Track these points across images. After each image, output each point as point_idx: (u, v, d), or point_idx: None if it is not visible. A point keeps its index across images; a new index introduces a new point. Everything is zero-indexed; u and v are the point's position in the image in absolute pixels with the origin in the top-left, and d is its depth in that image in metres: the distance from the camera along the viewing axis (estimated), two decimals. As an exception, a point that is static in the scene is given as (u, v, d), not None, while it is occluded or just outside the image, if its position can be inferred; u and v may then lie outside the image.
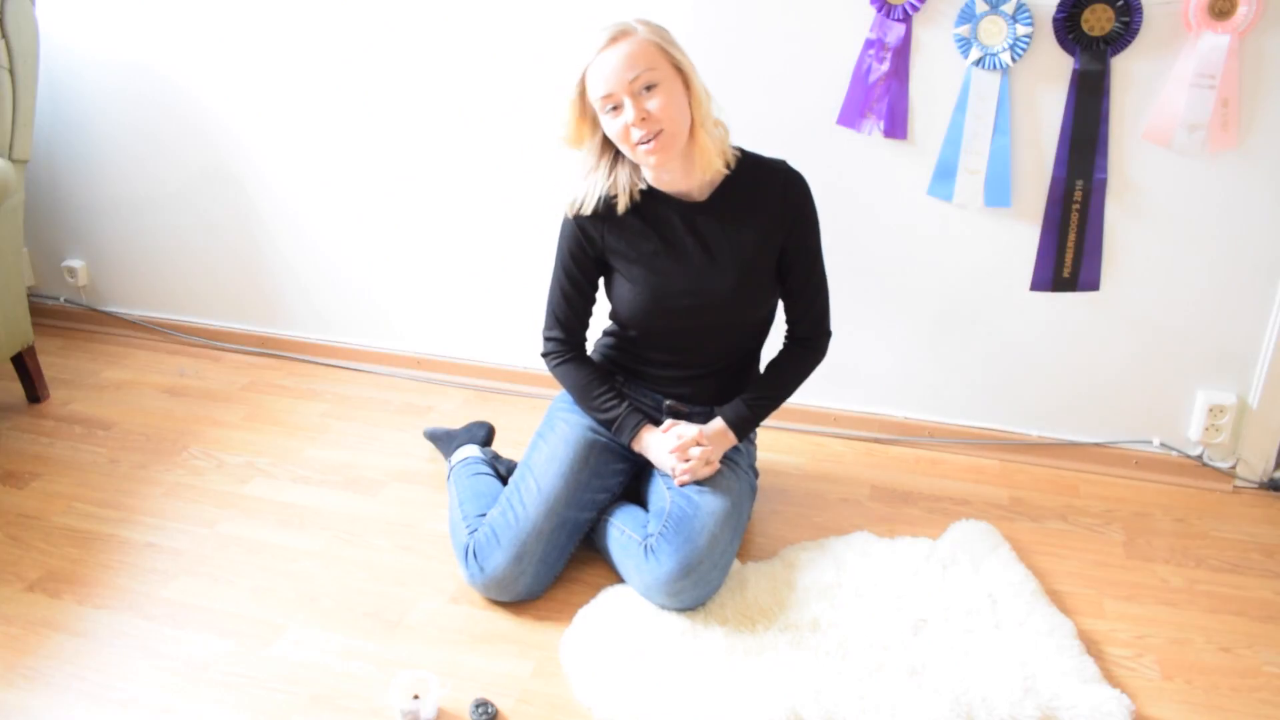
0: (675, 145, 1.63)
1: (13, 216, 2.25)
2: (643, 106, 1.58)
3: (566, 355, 1.86)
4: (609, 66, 1.58)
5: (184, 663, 1.64)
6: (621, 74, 1.57)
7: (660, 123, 1.59)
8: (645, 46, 1.59)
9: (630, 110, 1.58)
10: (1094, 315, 2.12)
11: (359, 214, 2.51)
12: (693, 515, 1.72)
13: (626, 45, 1.58)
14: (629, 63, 1.57)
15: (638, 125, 1.59)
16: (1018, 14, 1.91)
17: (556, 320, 1.85)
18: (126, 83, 2.54)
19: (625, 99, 1.58)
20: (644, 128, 1.59)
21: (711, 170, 1.70)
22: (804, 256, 1.79)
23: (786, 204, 1.75)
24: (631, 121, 1.58)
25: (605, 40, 1.59)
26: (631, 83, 1.58)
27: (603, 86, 1.59)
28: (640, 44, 1.59)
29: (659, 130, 1.59)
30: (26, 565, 1.87)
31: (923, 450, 2.29)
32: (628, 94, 1.58)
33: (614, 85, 1.58)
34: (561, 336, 1.86)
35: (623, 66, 1.57)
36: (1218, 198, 1.97)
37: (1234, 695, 1.60)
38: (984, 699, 1.52)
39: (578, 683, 1.59)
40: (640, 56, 1.58)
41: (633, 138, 1.60)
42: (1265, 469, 2.15)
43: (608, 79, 1.58)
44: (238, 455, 2.24)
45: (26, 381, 2.44)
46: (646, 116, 1.58)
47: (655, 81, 1.59)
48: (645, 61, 1.58)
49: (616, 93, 1.58)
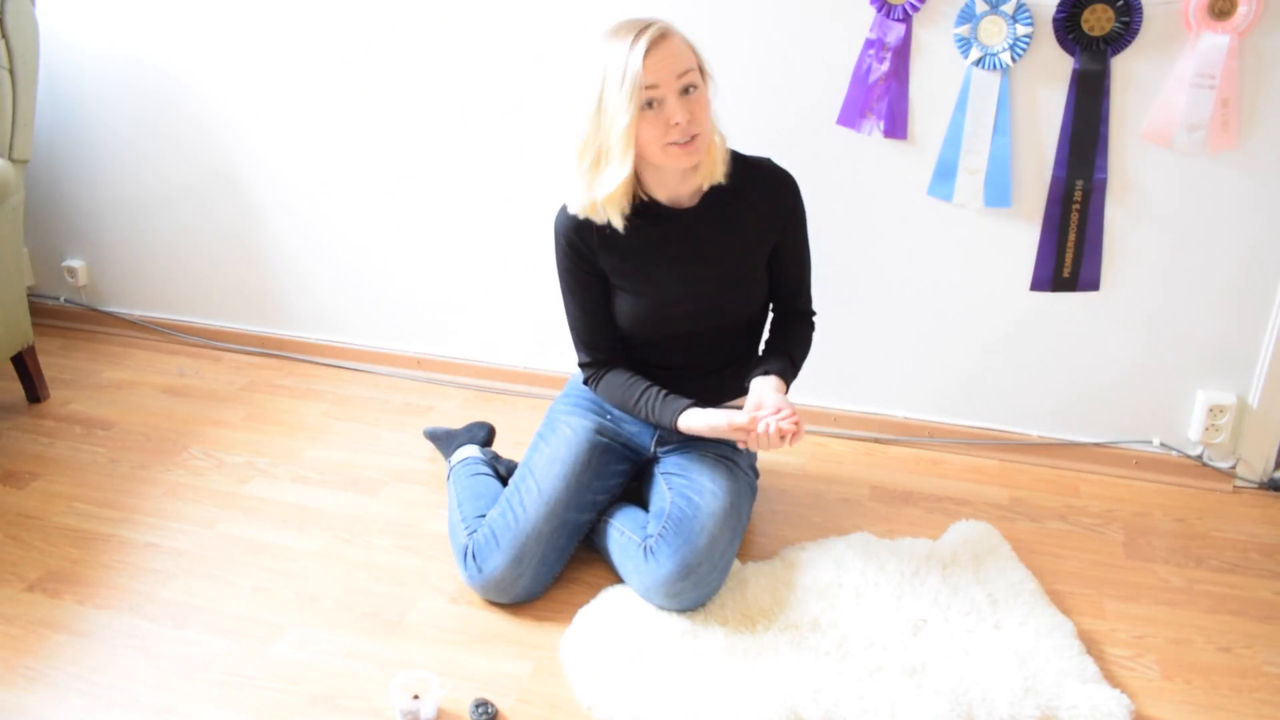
0: (703, 152, 1.61)
1: (13, 216, 2.25)
2: (687, 106, 1.56)
3: (602, 373, 1.83)
4: (657, 59, 1.53)
5: (184, 663, 1.64)
6: (671, 68, 1.54)
7: (700, 125, 1.58)
8: (686, 47, 1.58)
9: (677, 109, 1.55)
10: (1094, 315, 2.12)
11: (359, 214, 2.51)
12: (692, 516, 1.72)
13: (674, 40, 1.56)
14: (678, 56, 1.55)
15: (678, 124, 1.55)
16: (1018, 14, 1.91)
17: (583, 343, 1.83)
18: (127, 83, 2.54)
19: (669, 96, 1.55)
20: (686, 129, 1.56)
21: (713, 180, 1.69)
22: (794, 249, 1.79)
23: (779, 204, 1.75)
24: (676, 119, 1.55)
25: (655, 35, 1.53)
26: (680, 78, 1.55)
27: (649, 77, 1.53)
28: (683, 43, 1.57)
29: (696, 133, 1.58)
30: (26, 565, 1.87)
31: (923, 450, 2.29)
32: (673, 91, 1.55)
33: (662, 78, 1.54)
34: (592, 359, 1.83)
35: (673, 61, 1.54)
36: (1218, 198, 1.97)
37: (1233, 695, 1.60)
38: (984, 699, 1.52)
39: (578, 683, 1.59)
40: (684, 55, 1.56)
41: (670, 136, 1.57)
42: (1265, 469, 2.15)
43: (656, 71, 1.53)
44: (238, 455, 2.24)
45: (26, 381, 2.44)
46: (691, 118, 1.56)
47: (696, 84, 1.58)
48: (690, 60, 1.57)
49: (663, 86, 1.54)
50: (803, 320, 1.87)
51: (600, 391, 1.83)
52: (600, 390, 1.83)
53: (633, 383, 1.78)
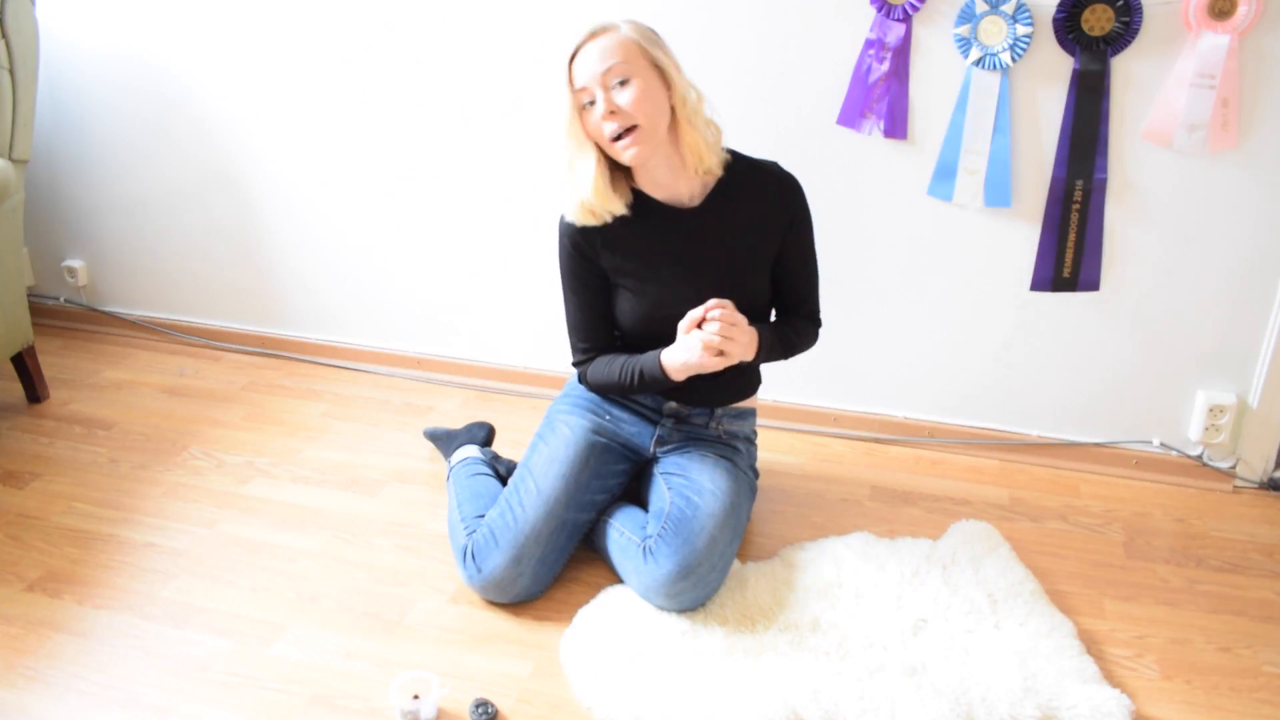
0: (651, 141, 1.63)
1: (13, 216, 2.25)
2: (612, 100, 1.60)
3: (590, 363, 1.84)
4: (583, 60, 1.61)
5: (184, 663, 1.64)
6: (594, 66, 1.60)
7: (632, 117, 1.60)
8: (621, 41, 1.61)
9: (601, 103, 1.60)
10: (1094, 315, 2.12)
11: (359, 213, 2.51)
12: (691, 517, 1.72)
13: (603, 39, 1.60)
14: (601, 55, 1.60)
15: (608, 118, 1.60)
16: (1018, 14, 1.91)
17: (580, 341, 1.84)
18: (127, 82, 2.55)
19: (598, 91, 1.60)
20: (614, 120, 1.60)
21: (703, 170, 1.70)
22: (800, 255, 1.80)
23: (783, 208, 1.75)
24: (602, 114, 1.60)
25: (584, 36, 1.62)
26: (604, 75, 1.59)
27: (578, 79, 1.61)
28: (616, 39, 1.61)
29: (632, 125, 1.60)
30: (26, 565, 1.87)
31: (923, 450, 2.29)
32: (600, 86, 1.60)
33: (586, 78, 1.60)
34: (586, 357, 1.84)
35: (595, 59, 1.60)
36: (1218, 198, 1.97)
37: (1233, 695, 1.60)
38: (984, 699, 1.52)
39: (577, 683, 1.59)
40: (614, 50, 1.60)
41: (606, 132, 1.61)
42: (1265, 469, 2.15)
43: (580, 72, 1.61)
44: (238, 455, 2.24)
45: (26, 381, 2.44)
46: (615, 110, 1.60)
47: (627, 76, 1.60)
48: (619, 55, 1.60)
49: (590, 85, 1.60)
50: (809, 321, 1.87)
51: (590, 379, 1.85)
52: (590, 377, 1.84)
53: (613, 359, 1.81)
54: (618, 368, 1.79)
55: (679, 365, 1.70)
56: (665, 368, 1.72)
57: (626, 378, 1.78)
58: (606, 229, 1.72)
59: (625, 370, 1.78)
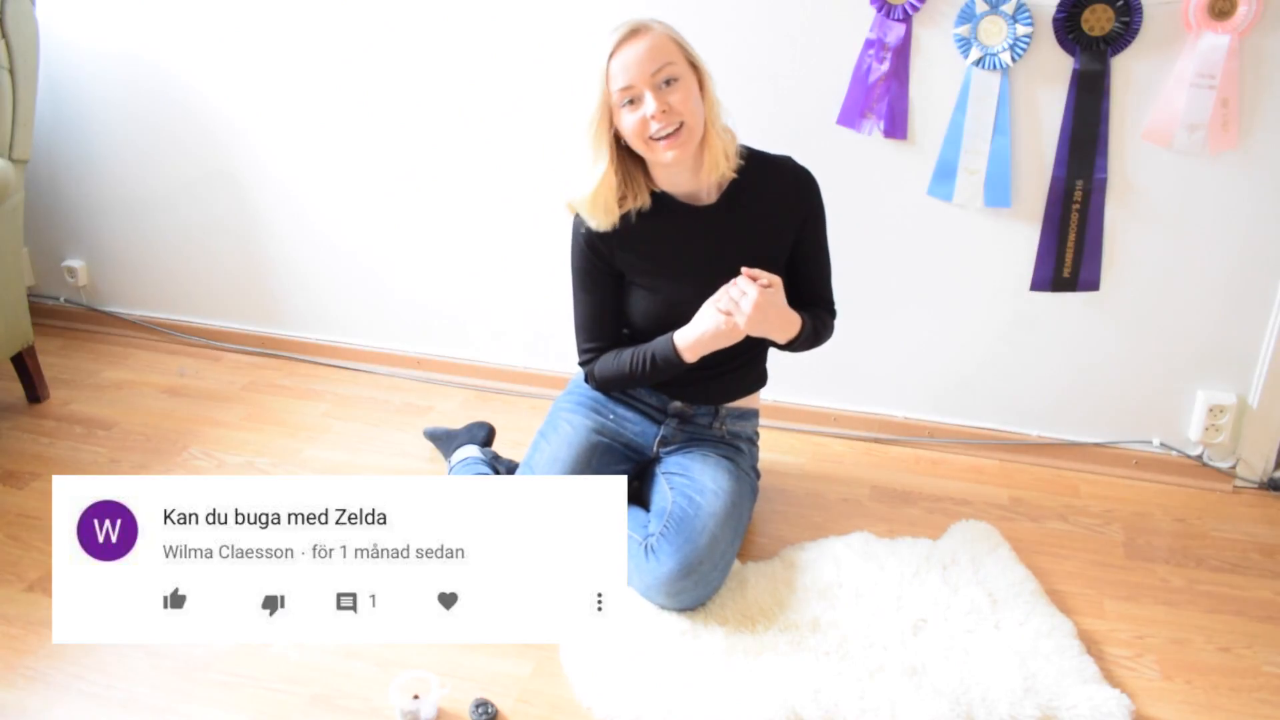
0: (693, 142, 1.62)
1: (13, 216, 2.25)
2: (664, 99, 1.58)
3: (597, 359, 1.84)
4: (630, 58, 1.58)
5: (184, 663, 1.64)
6: (644, 65, 1.58)
7: (681, 116, 1.59)
8: (665, 41, 1.60)
9: (651, 102, 1.58)
10: (1094, 315, 2.12)
11: (359, 213, 2.51)
12: (693, 516, 1.72)
13: (648, 38, 1.59)
14: (651, 55, 1.58)
15: (658, 118, 1.58)
16: (1018, 14, 1.91)
17: (588, 340, 1.83)
18: (127, 82, 2.54)
19: (646, 92, 1.58)
20: (664, 120, 1.58)
21: (719, 173, 1.70)
22: (815, 249, 1.80)
23: (799, 202, 1.75)
24: (652, 114, 1.58)
25: (625, 33, 1.59)
26: (654, 75, 1.58)
27: (623, 78, 1.58)
28: (660, 38, 1.60)
29: (679, 124, 1.59)
30: (26, 565, 1.87)
31: (923, 450, 2.29)
32: (649, 86, 1.58)
33: (635, 77, 1.58)
34: (593, 356, 1.83)
35: (645, 58, 1.58)
36: (1218, 198, 1.97)
37: (1233, 695, 1.60)
38: (984, 699, 1.52)
39: (578, 683, 1.59)
40: (661, 50, 1.59)
41: (651, 131, 1.59)
42: (1265, 469, 2.15)
43: (629, 70, 1.58)
44: (238, 455, 2.24)
45: (26, 381, 2.43)
46: (668, 109, 1.58)
47: (676, 76, 1.59)
48: (666, 55, 1.59)
49: (638, 84, 1.58)
50: (827, 312, 1.87)
51: (598, 373, 1.84)
52: (597, 372, 1.84)
53: (621, 350, 1.80)
54: (627, 357, 1.79)
55: (693, 340, 1.70)
56: (678, 348, 1.72)
57: (637, 365, 1.77)
58: (623, 226, 1.72)
59: (635, 358, 1.77)
